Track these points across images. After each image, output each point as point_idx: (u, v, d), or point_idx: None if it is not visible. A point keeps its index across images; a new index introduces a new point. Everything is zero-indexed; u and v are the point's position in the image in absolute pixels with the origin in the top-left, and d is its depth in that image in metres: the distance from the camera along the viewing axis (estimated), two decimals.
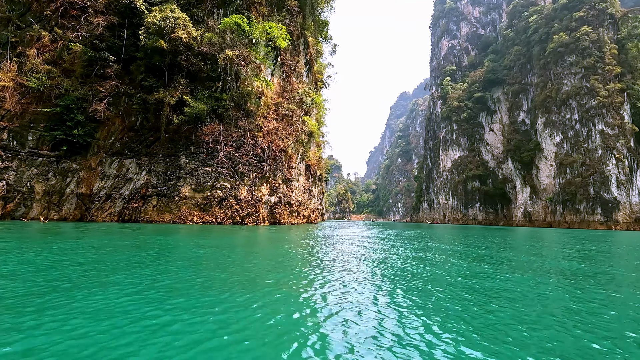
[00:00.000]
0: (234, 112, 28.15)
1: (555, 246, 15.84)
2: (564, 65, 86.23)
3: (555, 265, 8.72)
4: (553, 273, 7.37)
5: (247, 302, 3.93)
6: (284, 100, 34.87)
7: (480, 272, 7.03)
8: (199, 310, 3.51)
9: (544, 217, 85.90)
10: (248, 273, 5.90)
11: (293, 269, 6.55)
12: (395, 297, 4.56)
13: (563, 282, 6.24)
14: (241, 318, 3.33)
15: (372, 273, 6.40)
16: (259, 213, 27.37)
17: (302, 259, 8.26)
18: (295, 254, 9.11)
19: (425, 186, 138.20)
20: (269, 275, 5.77)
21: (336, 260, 8.10)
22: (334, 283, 5.34)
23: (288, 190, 32.00)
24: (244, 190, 26.99)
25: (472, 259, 9.55)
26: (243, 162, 27.45)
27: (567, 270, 7.83)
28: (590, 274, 7.45)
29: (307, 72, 46.03)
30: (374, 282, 5.49)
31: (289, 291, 4.59)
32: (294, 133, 35.00)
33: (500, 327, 3.41)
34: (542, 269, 7.92)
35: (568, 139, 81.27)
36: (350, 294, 4.57)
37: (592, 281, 6.48)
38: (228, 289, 4.56)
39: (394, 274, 6.37)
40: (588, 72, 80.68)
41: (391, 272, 6.58)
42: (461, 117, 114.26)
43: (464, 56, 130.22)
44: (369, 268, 7.03)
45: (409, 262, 8.41)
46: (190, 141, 25.89)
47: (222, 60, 25.86)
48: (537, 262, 9.31)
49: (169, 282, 4.88)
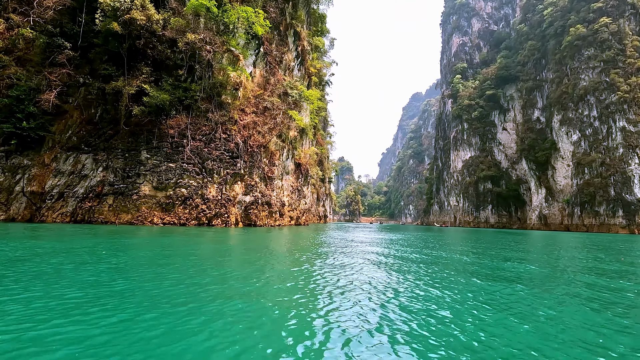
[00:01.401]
0: (204, 104, 25.79)
1: (589, 256, 12.73)
2: (581, 60, 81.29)
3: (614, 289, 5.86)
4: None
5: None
6: (267, 92, 32.39)
7: (504, 300, 4.64)
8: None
9: (560, 220, 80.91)
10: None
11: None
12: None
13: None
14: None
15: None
16: (229, 214, 24.85)
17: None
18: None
19: (435, 188, 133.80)
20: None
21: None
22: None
23: (268, 189, 29.43)
24: (213, 188, 24.54)
25: (491, 277, 6.77)
26: (213, 158, 25.02)
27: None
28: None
29: (299, 66, 43.53)
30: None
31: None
32: (277, 128, 32.45)
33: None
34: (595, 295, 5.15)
35: (586, 137, 76.29)
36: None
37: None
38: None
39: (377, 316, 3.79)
40: (607, 65, 75.64)
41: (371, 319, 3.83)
42: (472, 116, 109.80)
43: (476, 53, 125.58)
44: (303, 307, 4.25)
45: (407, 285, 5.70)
46: (152, 135, 23.63)
47: (182, 44, 23.49)
48: (576, 280, 6.47)
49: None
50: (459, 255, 11.04)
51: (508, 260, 9.85)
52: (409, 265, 8.23)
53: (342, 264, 7.88)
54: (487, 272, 7.36)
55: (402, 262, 8.67)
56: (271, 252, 9.81)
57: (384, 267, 7.70)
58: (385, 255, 10.44)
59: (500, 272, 7.51)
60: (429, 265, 8.36)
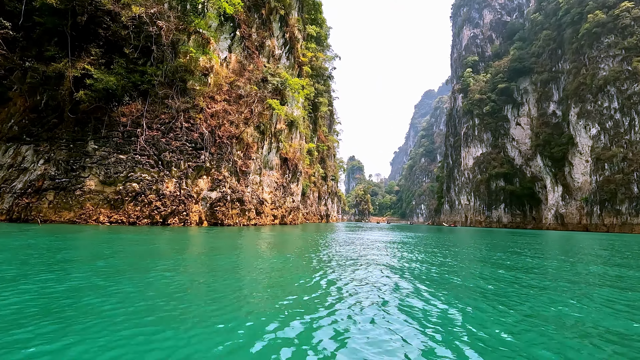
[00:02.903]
0: (163, 89, 23.15)
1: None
2: (600, 48, 75.95)
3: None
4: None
5: None
6: (242, 79, 29.61)
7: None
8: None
9: (578, 219, 75.72)
10: None
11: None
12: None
13: None
14: None
15: None
16: (189, 211, 22.12)
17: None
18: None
19: (446, 186, 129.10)
20: None
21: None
22: None
23: (240, 184, 26.63)
24: (171, 183, 21.86)
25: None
26: (172, 150, 22.35)
27: None
28: None
29: (287, 54, 40.64)
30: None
31: None
32: (255, 118, 29.64)
33: None
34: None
35: (606, 131, 71.02)
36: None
37: None
38: None
39: None
40: (629, 53, 70.26)
41: None
42: (484, 111, 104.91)
43: (487, 46, 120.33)
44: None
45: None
46: (102, 123, 21.13)
47: (126, 18, 20.86)
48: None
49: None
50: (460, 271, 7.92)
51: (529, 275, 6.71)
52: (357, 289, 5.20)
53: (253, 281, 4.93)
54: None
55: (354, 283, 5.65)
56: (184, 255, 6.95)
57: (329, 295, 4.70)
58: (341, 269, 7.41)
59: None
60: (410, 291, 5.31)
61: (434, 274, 6.65)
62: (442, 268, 7.60)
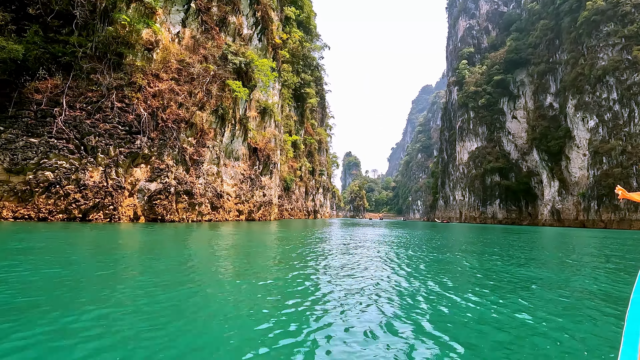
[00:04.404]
0: (91, 63, 19.86)
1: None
2: (599, 37, 72.61)
3: None
4: None
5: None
6: (198, 57, 26.30)
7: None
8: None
9: (575, 215, 72.75)
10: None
11: None
12: None
13: None
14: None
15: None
16: (117, 205, 18.92)
17: None
18: None
19: (441, 182, 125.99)
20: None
21: None
22: None
23: (190, 175, 23.41)
24: (96, 172, 18.64)
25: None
26: (99, 133, 19.10)
27: None
28: None
29: (260, 35, 37.27)
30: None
31: None
32: (213, 101, 26.40)
33: None
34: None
35: (604, 123, 67.89)
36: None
37: None
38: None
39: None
40: (630, 42, 67.00)
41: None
42: (479, 104, 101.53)
43: (484, 37, 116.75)
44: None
45: None
46: (9, 100, 17.92)
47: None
48: None
49: None
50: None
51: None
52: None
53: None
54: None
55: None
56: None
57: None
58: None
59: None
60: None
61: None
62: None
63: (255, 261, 7.42)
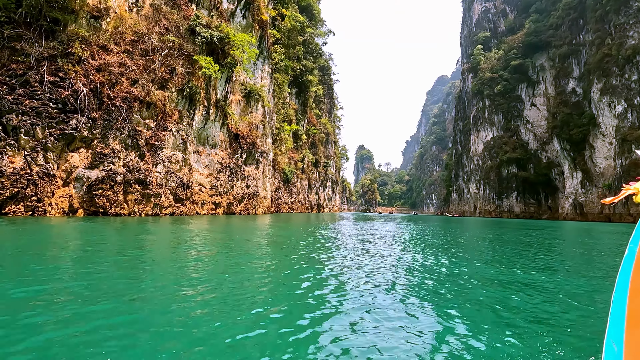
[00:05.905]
0: (16, 30, 16.93)
1: None
2: (628, 13, 66.07)
3: None
4: None
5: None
6: (159, 29, 23.10)
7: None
8: None
9: (600, 208, 67.02)
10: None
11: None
12: None
13: None
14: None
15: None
16: (42, 195, 15.98)
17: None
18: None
19: (454, 174, 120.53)
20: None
21: None
22: None
23: (145, 162, 20.34)
24: (19, 157, 15.75)
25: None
26: (23, 111, 16.18)
27: None
28: None
29: (244, 12, 33.85)
30: None
31: None
32: (178, 80, 23.22)
33: None
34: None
35: (634, 108, 61.79)
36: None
37: None
38: None
39: None
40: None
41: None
42: (495, 91, 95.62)
43: (500, 20, 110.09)
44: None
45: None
46: None
47: None
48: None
49: None
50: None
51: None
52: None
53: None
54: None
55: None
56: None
57: None
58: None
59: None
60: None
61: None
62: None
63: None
